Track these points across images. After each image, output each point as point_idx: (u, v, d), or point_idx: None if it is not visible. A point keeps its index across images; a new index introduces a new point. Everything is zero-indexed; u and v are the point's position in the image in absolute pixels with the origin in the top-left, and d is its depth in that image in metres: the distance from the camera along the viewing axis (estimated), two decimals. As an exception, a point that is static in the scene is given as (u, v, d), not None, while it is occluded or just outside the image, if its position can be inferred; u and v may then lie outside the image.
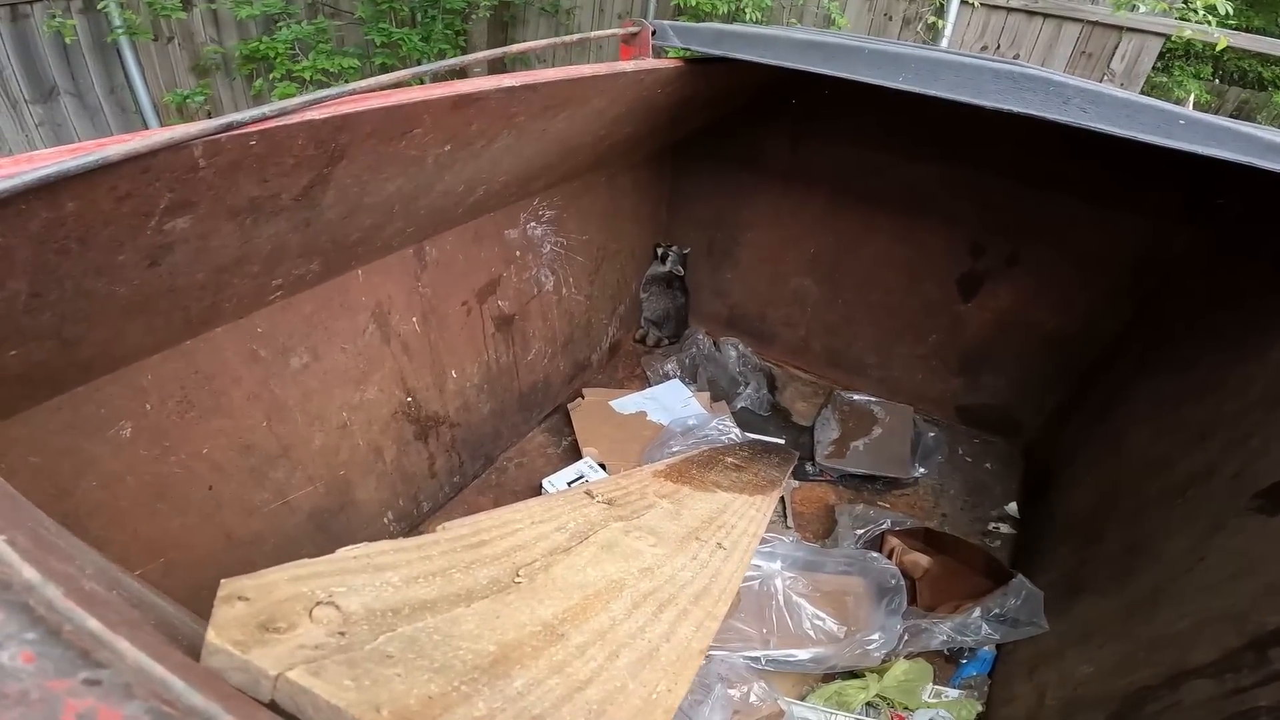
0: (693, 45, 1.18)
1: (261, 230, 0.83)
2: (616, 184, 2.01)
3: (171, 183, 0.62)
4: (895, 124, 1.76)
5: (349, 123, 0.69)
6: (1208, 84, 5.44)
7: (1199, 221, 1.57)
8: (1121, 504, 1.28)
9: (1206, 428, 1.14)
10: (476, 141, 0.97)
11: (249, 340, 1.12)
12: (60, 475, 0.89)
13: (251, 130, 0.61)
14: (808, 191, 2.10)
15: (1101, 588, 1.17)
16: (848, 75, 1.03)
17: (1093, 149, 1.04)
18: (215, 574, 1.13)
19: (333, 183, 0.82)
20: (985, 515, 1.82)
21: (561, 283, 1.94)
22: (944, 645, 1.32)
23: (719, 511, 0.72)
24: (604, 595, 0.50)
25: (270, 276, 1.01)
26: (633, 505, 0.67)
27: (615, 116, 1.28)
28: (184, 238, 0.72)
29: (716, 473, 0.97)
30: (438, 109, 0.77)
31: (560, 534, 0.56)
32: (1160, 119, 0.89)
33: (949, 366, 2.11)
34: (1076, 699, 1.02)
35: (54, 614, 0.25)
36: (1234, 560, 0.91)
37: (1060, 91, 0.93)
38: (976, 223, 1.88)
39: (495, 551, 0.51)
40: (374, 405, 1.41)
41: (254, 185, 0.71)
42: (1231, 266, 1.42)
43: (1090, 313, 1.80)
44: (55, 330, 0.72)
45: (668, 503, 0.71)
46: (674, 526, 0.64)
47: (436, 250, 1.45)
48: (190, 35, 3.48)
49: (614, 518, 0.61)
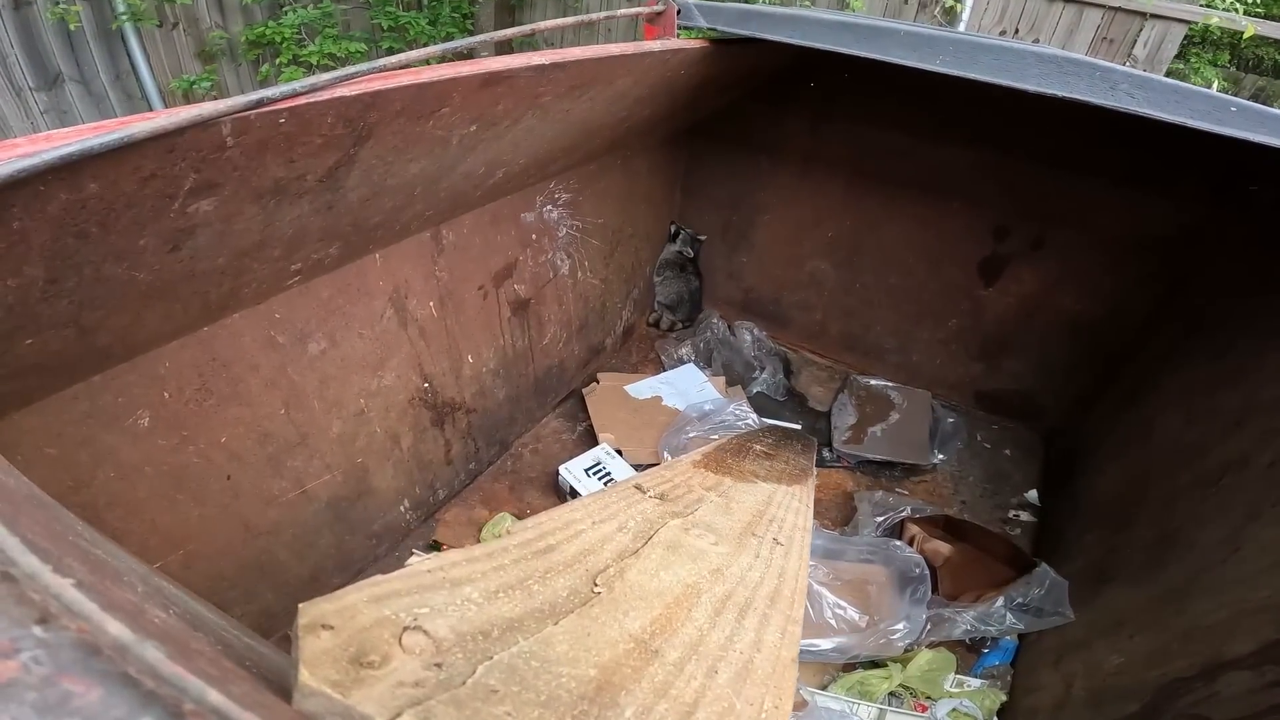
0: (719, 25, 1.14)
1: (285, 213, 0.80)
2: (632, 167, 1.97)
3: (197, 163, 0.60)
4: (918, 107, 1.71)
5: (379, 100, 0.66)
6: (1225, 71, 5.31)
7: (1230, 208, 1.53)
8: (1152, 492, 1.26)
9: (1241, 415, 1.11)
10: (501, 122, 0.93)
11: (267, 326, 1.09)
12: (78, 466, 0.87)
13: (281, 107, 0.58)
14: (827, 174, 2.05)
15: (1131, 577, 1.15)
16: (884, 58, 0.99)
17: (1122, 133, 1.00)
18: (234, 565, 1.15)
19: (358, 163, 0.79)
20: (1005, 503, 1.80)
21: (577, 266, 1.91)
22: (967, 635, 1.30)
23: (765, 504, 0.70)
24: (684, 602, 0.48)
25: (290, 261, 0.99)
26: (684, 500, 0.65)
27: (638, 98, 1.24)
28: (207, 220, 0.70)
29: (751, 462, 0.95)
30: (467, 87, 0.74)
31: (624, 534, 0.54)
32: (1211, 105, 0.86)
33: (969, 352, 2.08)
34: (1106, 689, 1.01)
35: (165, 686, 0.22)
36: (1271, 551, 0.89)
37: (1107, 76, 0.90)
38: (1001, 206, 1.84)
39: (565, 557, 0.49)
40: (391, 391, 1.39)
41: (280, 166, 0.68)
42: (1267, 254, 1.39)
43: (1117, 298, 1.76)
44: (73, 318, 0.70)
45: (715, 495, 0.69)
46: (729, 522, 0.62)
47: (454, 234, 1.42)
48: (195, 21, 3.43)
49: (670, 514, 0.59)
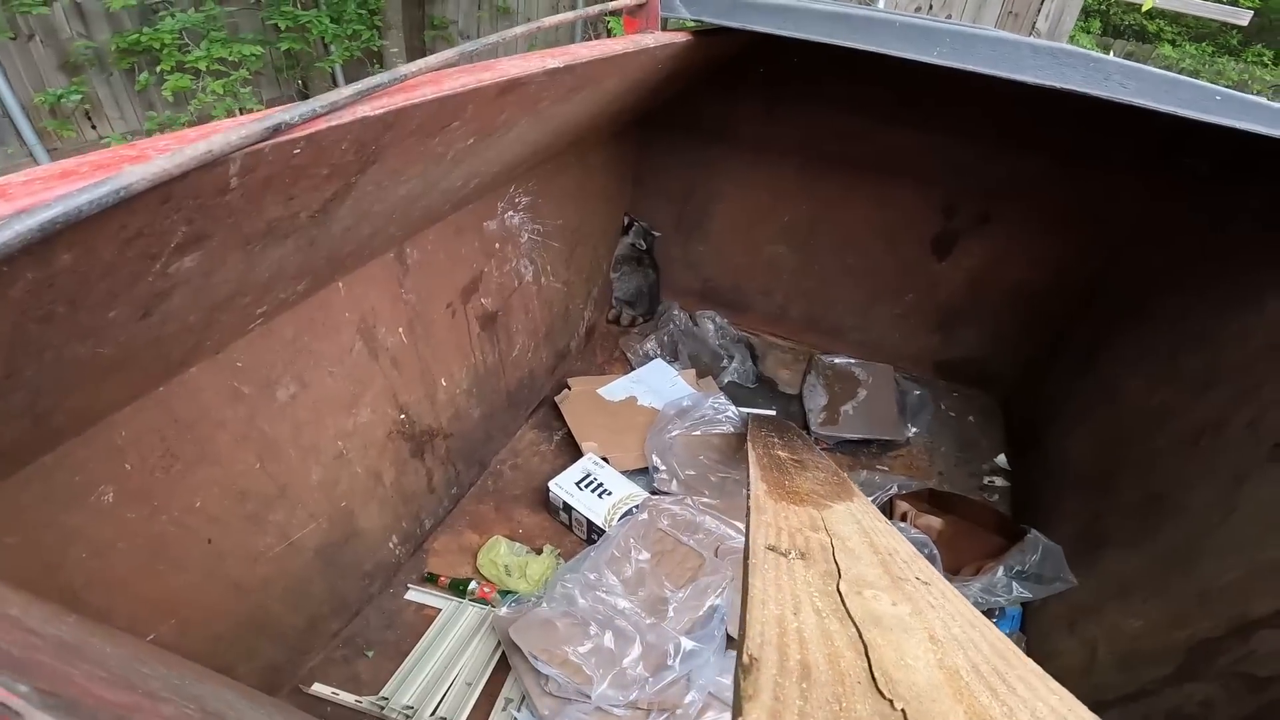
0: (705, 17, 1.09)
1: (267, 257, 0.69)
2: (588, 162, 1.89)
3: (192, 213, 0.49)
4: (867, 91, 1.73)
5: (400, 118, 0.57)
6: (1097, 38, 5.83)
7: (1167, 179, 1.63)
8: (1129, 455, 1.33)
9: (1209, 378, 1.19)
10: (498, 131, 0.85)
11: (229, 377, 0.96)
12: (46, 550, 0.77)
13: (298, 135, 0.48)
14: (780, 159, 2.05)
15: (1126, 541, 1.21)
16: (883, 50, 0.98)
17: (1062, 111, 1.05)
18: (229, 625, 1.05)
19: (354, 192, 0.69)
20: (978, 469, 1.90)
21: (540, 271, 1.82)
22: (974, 607, 1.34)
23: (864, 534, 0.67)
24: (964, 693, 0.43)
25: (258, 305, 0.86)
26: (816, 552, 0.60)
27: (617, 94, 1.17)
28: (186, 278, 0.58)
29: (799, 479, 0.92)
30: (484, 97, 0.66)
31: (832, 621, 0.48)
32: (1197, 94, 0.91)
33: (926, 324, 2.16)
34: (1133, 652, 1.05)
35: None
36: (1269, 511, 0.94)
37: (1100, 67, 0.92)
38: (949, 184, 1.91)
39: (827, 676, 0.43)
40: (368, 429, 1.28)
41: (278, 205, 0.58)
42: (1209, 223, 1.49)
43: (1059, 266, 1.88)
44: (28, 408, 0.57)
45: (828, 538, 0.64)
46: (872, 570, 0.58)
47: (418, 251, 1.31)
48: (53, 31, 3.04)
49: (825, 576, 0.54)
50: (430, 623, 1.39)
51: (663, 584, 1.44)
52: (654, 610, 1.38)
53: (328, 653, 1.30)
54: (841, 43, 1.03)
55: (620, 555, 1.48)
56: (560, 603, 1.36)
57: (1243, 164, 1.36)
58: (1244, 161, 1.33)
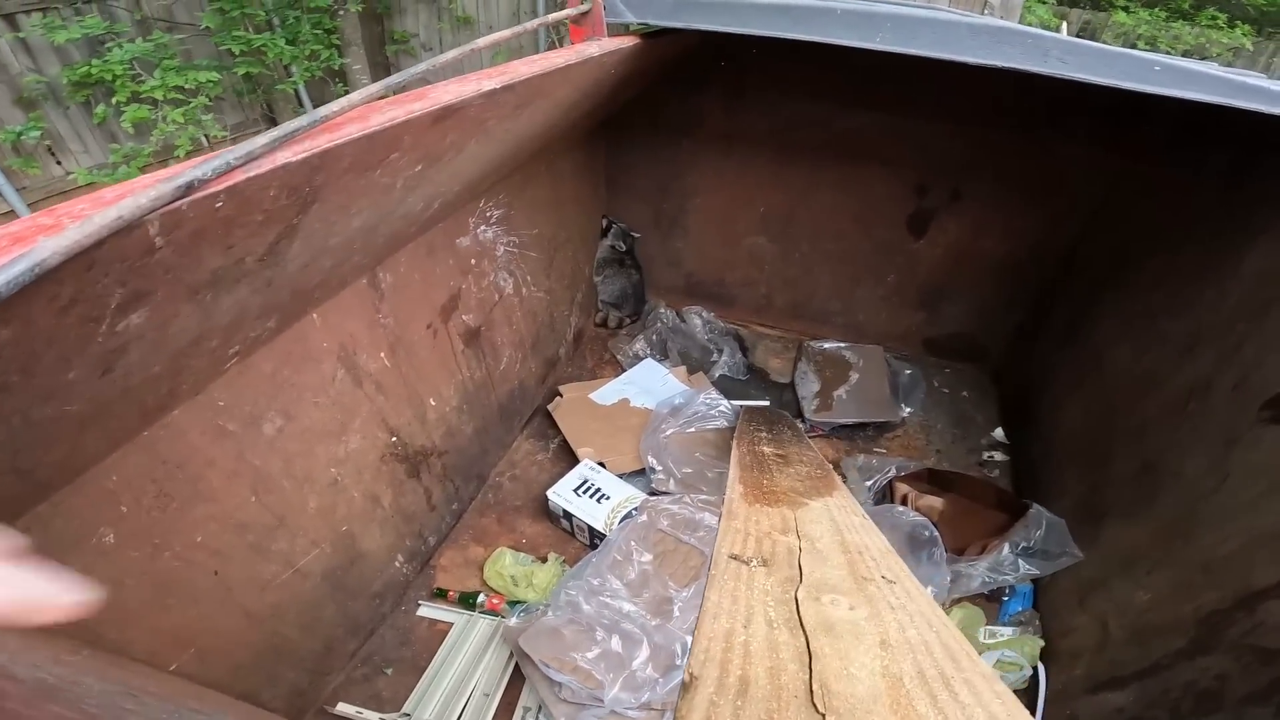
0: (649, 19, 1.09)
1: (222, 302, 0.70)
2: (557, 170, 1.89)
3: (123, 274, 0.50)
4: (828, 77, 1.74)
5: (327, 160, 0.57)
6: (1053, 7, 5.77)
7: (1129, 149, 1.63)
8: (1120, 423, 1.32)
9: (1191, 340, 1.18)
10: (447, 155, 0.85)
11: (212, 416, 0.98)
12: None
13: (216, 189, 0.49)
14: (750, 151, 2.05)
15: (1125, 511, 1.19)
16: (827, 40, 0.98)
17: (1018, 86, 1.03)
18: (248, 653, 1.09)
19: (301, 232, 0.69)
20: (976, 445, 1.89)
21: (520, 283, 1.83)
22: (984, 586, 1.32)
23: (836, 531, 0.67)
24: (904, 702, 0.44)
25: (228, 346, 0.88)
26: (781, 558, 0.60)
27: (572, 103, 1.17)
28: (139, 333, 0.59)
29: (780, 476, 0.92)
30: (418, 127, 0.66)
31: (781, 631, 0.49)
32: (1136, 66, 0.90)
33: (910, 302, 2.16)
34: (1145, 626, 1.03)
35: None
36: (1262, 476, 0.92)
37: (1039, 44, 0.92)
38: (918, 164, 1.91)
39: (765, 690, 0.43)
40: (360, 454, 1.29)
41: (218, 255, 0.58)
42: (1174, 189, 1.48)
43: (1035, 238, 1.88)
44: (8, 466, 0.59)
45: (796, 539, 0.64)
46: (835, 572, 0.58)
47: (391, 275, 1.32)
48: (3, 67, 3.01)
49: (785, 582, 0.54)
50: (444, 637, 1.42)
51: (667, 584, 1.44)
52: (660, 611, 1.39)
53: (348, 673, 1.34)
54: (786, 35, 1.02)
55: (622, 559, 1.49)
56: (565, 610, 1.37)
57: (1199, 129, 1.35)
58: (1200, 127, 1.32)
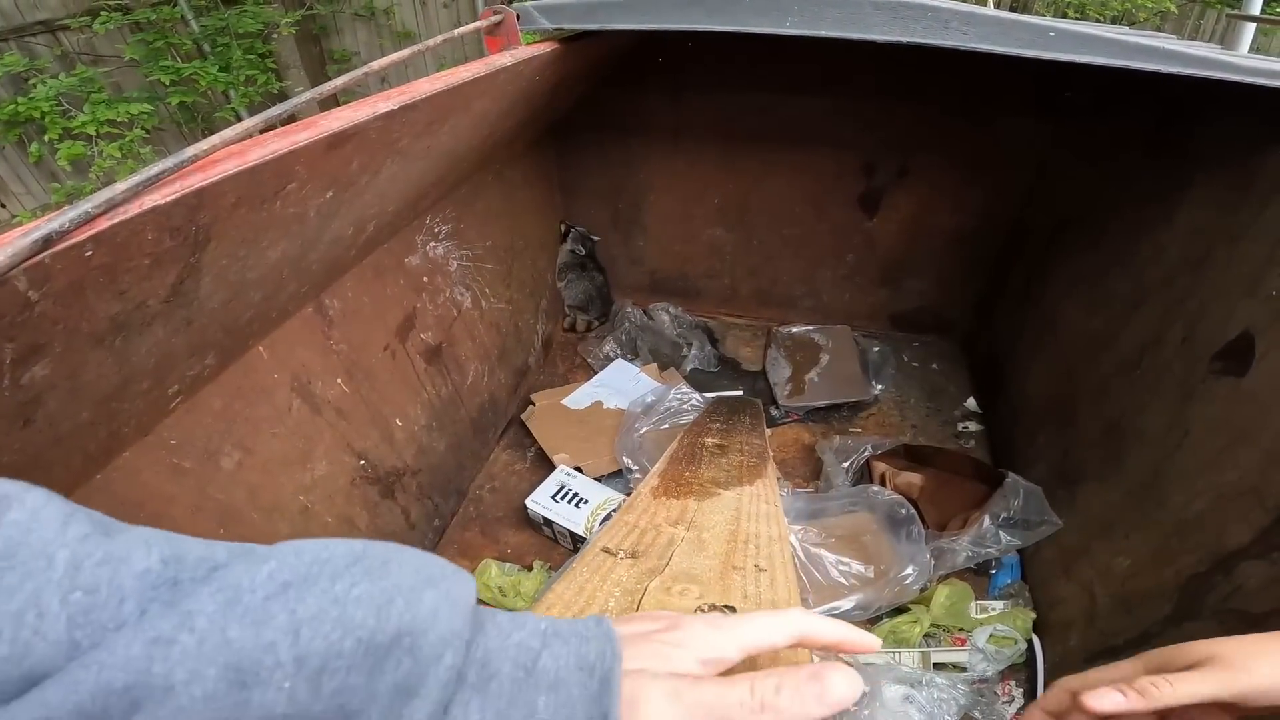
0: (564, 24, 1.09)
1: (137, 346, 0.70)
2: (506, 179, 1.89)
3: (7, 330, 0.50)
4: (765, 64, 1.75)
5: (205, 198, 0.57)
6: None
7: (1054, 115, 1.66)
8: (1080, 384, 1.31)
9: (1137, 297, 1.18)
10: (360, 179, 0.85)
11: (165, 455, 0.98)
12: None
13: (81, 238, 0.48)
14: (699, 144, 2.06)
15: (1096, 474, 1.19)
16: (738, 28, 0.98)
17: (940, 60, 1.04)
18: None
19: (205, 270, 0.70)
20: (950, 417, 1.90)
21: (479, 296, 1.83)
22: (969, 561, 1.31)
23: (735, 520, 0.67)
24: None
25: (165, 387, 0.87)
26: (655, 549, 0.61)
27: (499, 114, 1.17)
28: (49, 384, 0.59)
29: (708, 467, 0.92)
30: (310, 155, 0.66)
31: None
32: (1033, 33, 0.90)
33: (872, 280, 2.17)
34: (1129, 593, 1.02)
35: None
36: (1222, 430, 0.91)
37: (938, 16, 0.92)
38: (863, 144, 1.92)
39: None
40: (328, 480, 1.29)
41: (111, 301, 0.58)
42: (1104, 151, 1.49)
43: (984, 209, 1.90)
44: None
45: (684, 530, 0.65)
46: (707, 562, 0.58)
47: (338, 301, 1.32)
48: None
49: (646, 574, 0.55)
50: (435, 655, 1.42)
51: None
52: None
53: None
54: (701, 27, 1.03)
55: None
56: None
57: (1121, 94, 1.37)
58: (1122, 91, 1.34)
